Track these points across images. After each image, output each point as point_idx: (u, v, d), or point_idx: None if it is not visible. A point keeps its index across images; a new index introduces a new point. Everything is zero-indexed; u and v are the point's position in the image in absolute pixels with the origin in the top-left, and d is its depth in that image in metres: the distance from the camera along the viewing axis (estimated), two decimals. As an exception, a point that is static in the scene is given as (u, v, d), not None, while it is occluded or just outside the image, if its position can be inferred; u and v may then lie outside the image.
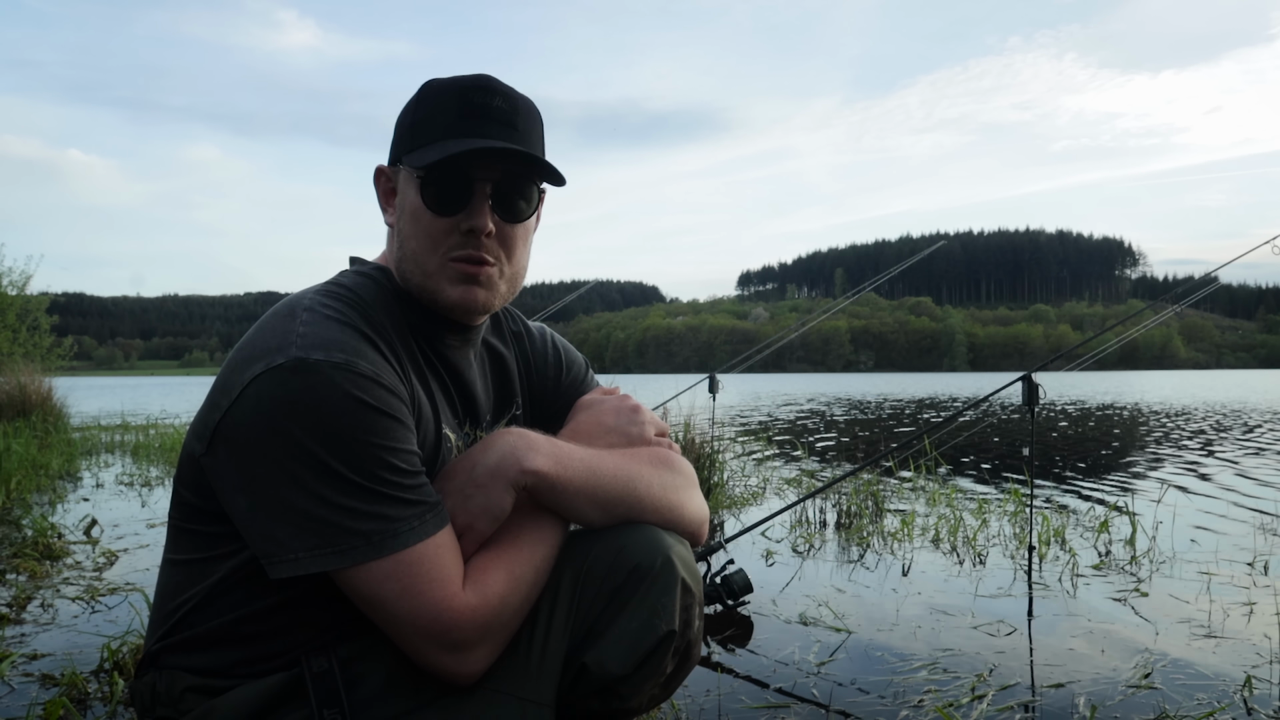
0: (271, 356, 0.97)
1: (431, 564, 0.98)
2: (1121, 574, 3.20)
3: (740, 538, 3.63)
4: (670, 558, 1.12)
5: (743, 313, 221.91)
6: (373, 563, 0.96)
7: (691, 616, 1.14)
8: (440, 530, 1.00)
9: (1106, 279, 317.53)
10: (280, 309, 1.05)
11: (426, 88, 1.12)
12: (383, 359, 1.02)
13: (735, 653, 2.36)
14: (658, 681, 1.12)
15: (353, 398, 0.96)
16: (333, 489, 0.95)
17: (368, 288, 1.11)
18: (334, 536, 0.95)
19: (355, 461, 0.95)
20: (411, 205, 1.11)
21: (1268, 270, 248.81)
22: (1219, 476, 6.14)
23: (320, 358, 0.96)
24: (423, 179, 1.09)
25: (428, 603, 0.98)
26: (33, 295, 17.27)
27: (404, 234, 1.12)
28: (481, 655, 1.03)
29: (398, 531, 0.97)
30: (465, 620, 0.99)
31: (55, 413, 10.20)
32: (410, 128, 1.11)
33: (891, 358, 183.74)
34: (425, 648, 0.99)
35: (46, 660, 2.27)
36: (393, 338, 1.07)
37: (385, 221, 1.17)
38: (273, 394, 0.95)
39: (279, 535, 0.96)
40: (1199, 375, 77.44)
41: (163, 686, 1.07)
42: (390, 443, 0.98)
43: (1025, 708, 1.94)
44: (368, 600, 0.98)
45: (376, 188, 1.18)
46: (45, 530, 3.88)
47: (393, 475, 0.98)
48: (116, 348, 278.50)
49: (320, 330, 0.99)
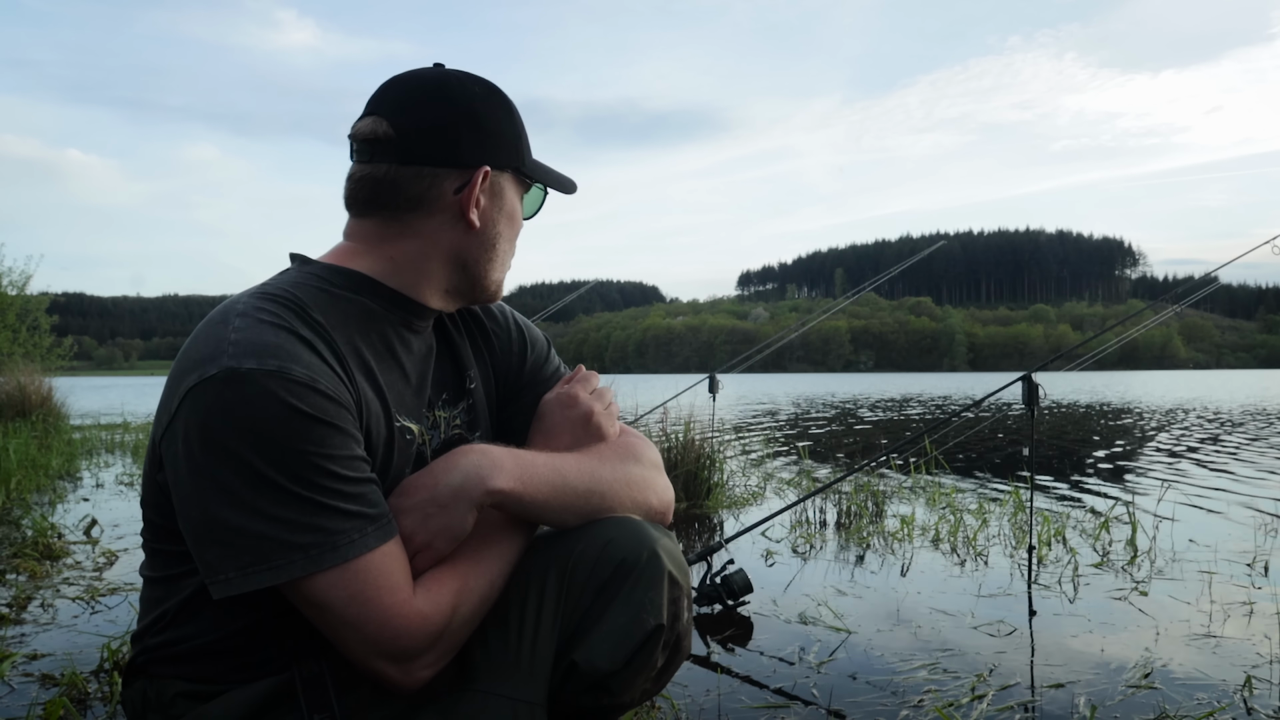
0: (204, 367, 0.94)
1: (377, 572, 0.97)
2: (1121, 574, 3.20)
3: (740, 538, 3.63)
4: (656, 551, 1.12)
5: (743, 313, 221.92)
6: (314, 575, 0.94)
7: (680, 609, 1.14)
8: (384, 543, 0.98)
9: (1106, 279, 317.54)
10: (215, 315, 1.02)
11: (504, 95, 1.17)
12: (320, 361, 0.98)
13: (735, 653, 2.36)
14: (649, 675, 1.12)
15: (287, 405, 0.93)
16: (269, 500, 0.92)
17: (308, 285, 1.07)
18: (269, 552, 0.92)
19: (291, 470, 0.93)
20: (514, 209, 1.19)
21: (1268, 270, 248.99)
22: (1219, 476, 6.14)
23: (252, 365, 0.93)
24: (527, 189, 1.21)
25: (376, 610, 0.96)
26: (33, 295, 17.27)
27: (498, 235, 1.17)
28: (427, 665, 1.02)
29: (336, 544, 0.94)
30: (415, 628, 0.99)
31: (55, 413, 10.21)
32: (519, 139, 1.17)
33: (891, 358, 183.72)
34: (370, 656, 0.98)
35: (46, 660, 2.28)
36: (332, 336, 1.03)
37: (471, 222, 1.12)
38: (206, 406, 0.93)
39: (210, 555, 0.94)
40: (1199, 375, 77.45)
41: (153, 693, 1.07)
42: (327, 450, 0.95)
43: (1025, 708, 1.94)
44: (313, 609, 0.97)
45: (472, 188, 1.11)
46: (45, 530, 3.89)
47: (332, 483, 0.95)
48: (116, 348, 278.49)
49: (253, 336, 0.96)
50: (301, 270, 1.11)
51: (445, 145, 1.10)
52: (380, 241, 1.13)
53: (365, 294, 1.10)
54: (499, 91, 1.16)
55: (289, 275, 1.10)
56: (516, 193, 1.19)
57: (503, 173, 1.15)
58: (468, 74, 1.16)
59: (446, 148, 1.10)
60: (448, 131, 1.10)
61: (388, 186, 1.10)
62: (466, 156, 1.11)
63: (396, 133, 1.09)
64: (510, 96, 1.18)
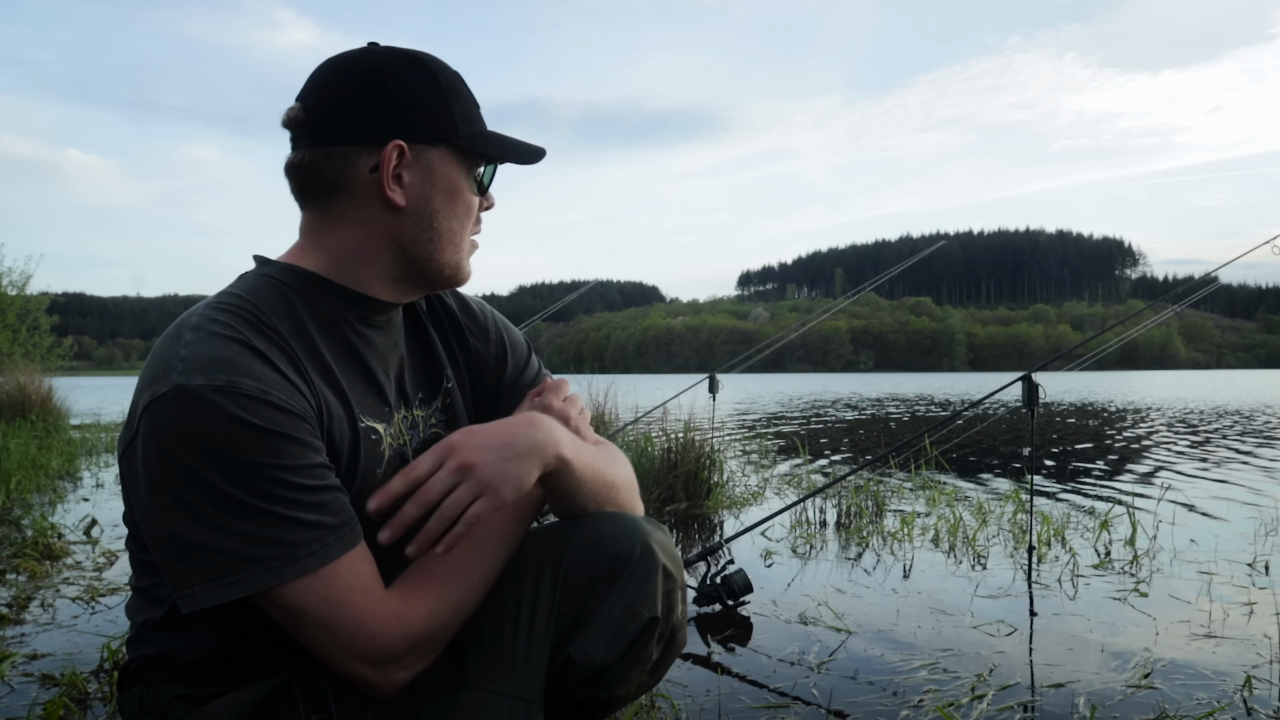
0: (156, 385, 0.94)
1: (346, 576, 0.96)
2: (1121, 574, 3.20)
3: (740, 538, 3.63)
4: (649, 544, 1.12)
5: (743, 313, 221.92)
6: (280, 586, 0.93)
7: (674, 602, 1.14)
8: (346, 552, 0.97)
9: (1106, 279, 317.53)
10: (171, 329, 1.02)
11: (431, 66, 1.09)
12: (273, 371, 0.97)
13: (735, 653, 2.36)
14: (644, 669, 1.12)
15: (238, 420, 0.92)
16: (228, 515, 0.92)
17: (264, 290, 1.06)
18: (231, 566, 0.92)
19: (247, 484, 0.92)
20: (457, 187, 1.11)
21: (1268, 270, 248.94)
22: (1219, 476, 6.14)
23: (201, 382, 0.92)
24: (477, 164, 1.14)
25: (349, 612, 0.96)
26: (33, 295, 17.28)
27: (440, 214, 1.10)
28: (404, 667, 1.01)
29: (297, 556, 0.94)
30: (391, 629, 0.98)
31: (55, 412, 10.21)
32: (453, 111, 1.09)
33: (891, 358, 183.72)
34: (346, 659, 0.98)
35: (46, 660, 2.28)
36: (289, 343, 1.02)
37: (392, 201, 1.07)
38: (159, 424, 0.93)
39: (174, 571, 0.94)
40: (1199, 375, 77.45)
41: (149, 698, 1.07)
42: (283, 461, 0.94)
43: (1025, 708, 1.94)
44: (286, 616, 0.96)
45: (386, 165, 1.06)
46: (45, 530, 3.89)
47: (289, 493, 0.94)
48: (116, 348, 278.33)
49: (202, 350, 0.95)
50: (260, 273, 1.10)
51: (352, 122, 1.06)
52: (319, 234, 1.11)
53: (320, 292, 1.09)
54: (422, 61, 1.09)
55: (246, 279, 1.09)
56: (457, 167, 1.11)
57: (431, 146, 1.08)
58: (391, 48, 1.10)
59: (353, 125, 1.06)
60: (355, 108, 1.06)
61: (306, 172, 1.08)
62: (375, 132, 1.05)
63: (307, 115, 1.07)
64: (448, 67, 1.12)
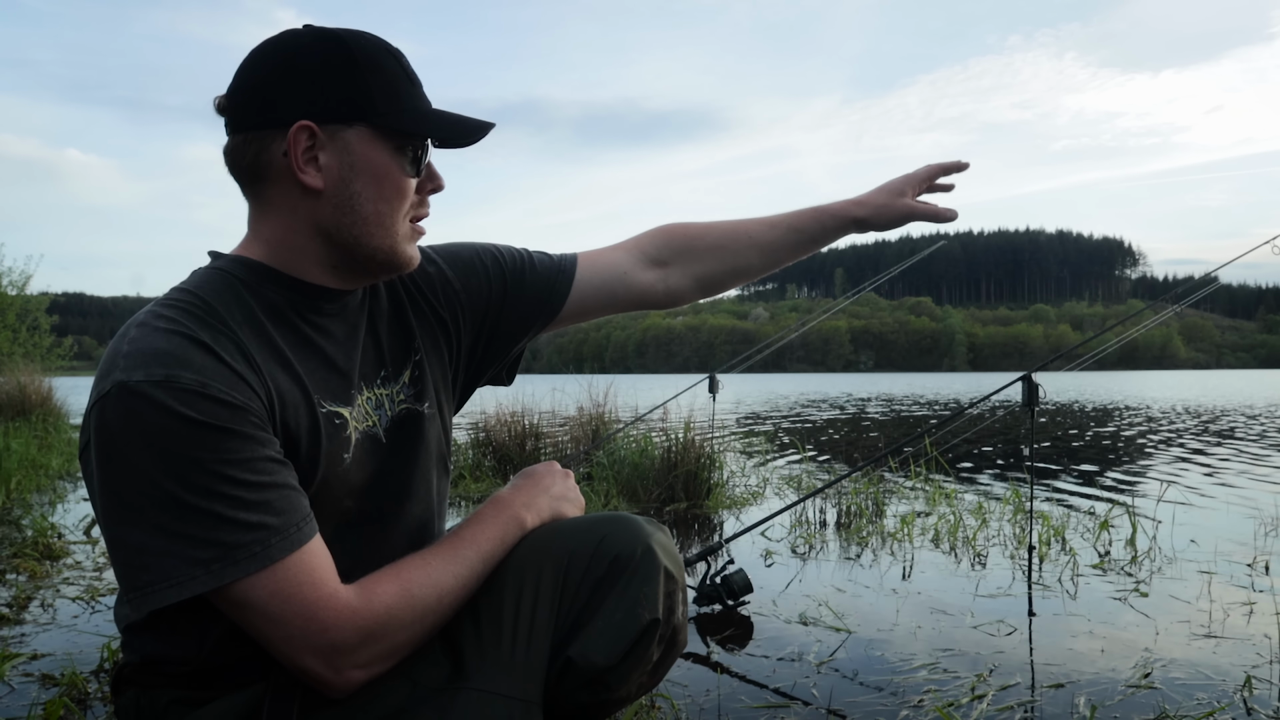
0: (101, 384, 0.94)
1: (293, 569, 0.94)
2: (1121, 574, 3.20)
3: (740, 538, 3.63)
4: (651, 546, 1.12)
5: (743, 313, 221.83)
6: (221, 587, 0.92)
7: (675, 603, 1.14)
8: (289, 554, 0.95)
9: (1106, 279, 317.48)
10: (120, 330, 1.00)
11: (349, 44, 1.04)
12: (216, 363, 0.95)
13: (735, 653, 2.36)
14: (644, 670, 1.12)
15: (176, 414, 0.90)
16: (169, 516, 0.91)
17: (213, 283, 1.04)
18: (171, 570, 0.91)
19: (187, 481, 0.91)
20: (383, 168, 1.06)
21: (1268, 270, 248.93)
22: (1219, 476, 6.14)
23: (140, 378, 0.91)
24: (406, 143, 1.07)
25: (298, 604, 0.94)
26: (33, 295, 17.31)
27: (363, 196, 1.06)
28: (358, 665, 0.98)
29: (237, 559, 0.92)
30: (344, 621, 0.96)
31: (55, 413, 10.21)
32: (369, 89, 1.04)
33: (891, 358, 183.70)
34: (297, 652, 0.95)
35: (46, 660, 2.28)
36: (238, 333, 1.01)
37: (305, 184, 1.03)
38: (103, 425, 0.92)
39: (121, 573, 0.94)
40: (1199, 375, 77.45)
41: (145, 702, 1.06)
42: (223, 455, 0.92)
43: (1025, 708, 1.94)
44: (236, 611, 0.95)
45: (294, 148, 1.02)
46: (45, 530, 3.89)
47: (230, 490, 0.92)
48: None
49: (143, 345, 0.94)
50: (211, 267, 1.08)
51: (260, 105, 1.03)
52: (258, 223, 1.09)
53: (268, 284, 1.07)
54: (337, 39, 1.04)
55: (198, 274, 1.08)
56: (380, 147, 1.05)
57: (347, 126, 1.03)
58: (314, 28, 1.06)
59: (262, 108, 1.03)
60: (263, 90, 1.03)
61: (230, 160, 1.07)
62: (282, 114, 1.02)
63: (227, 102, 1.05)
64: (377, 44, 1.07)
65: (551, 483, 1.24)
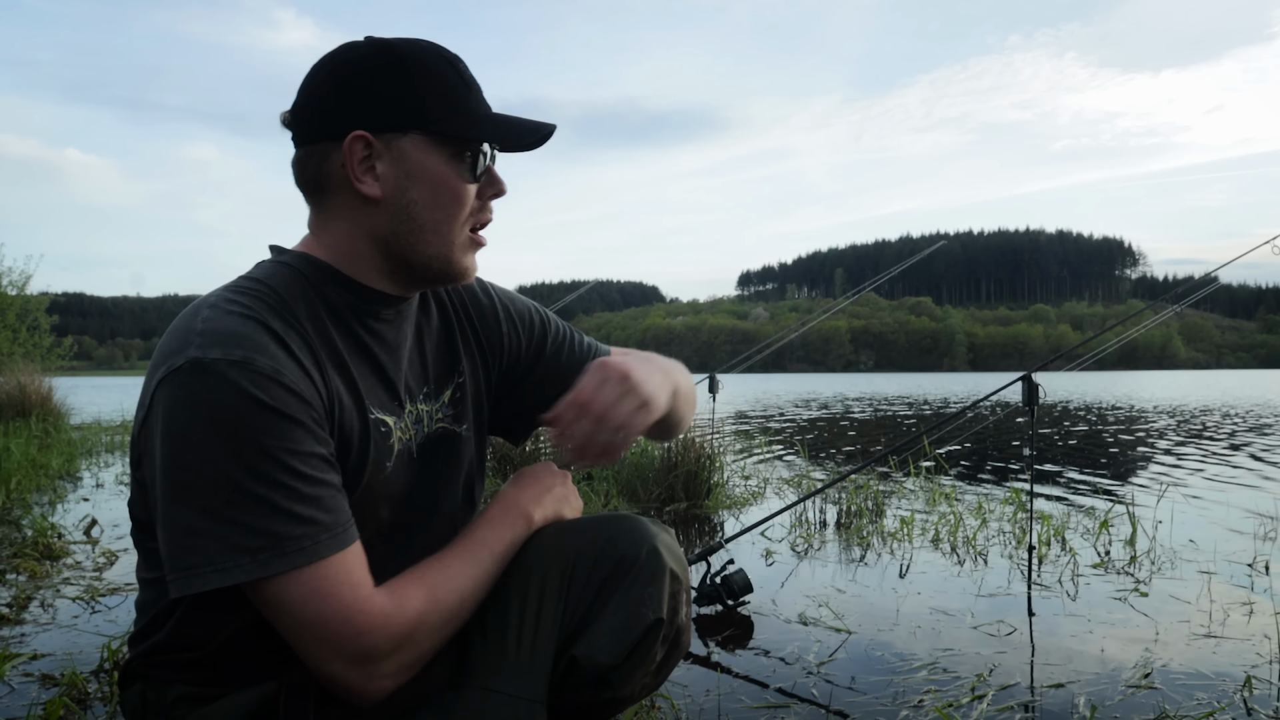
0: (171, 359, 0.93)
1: (334, 572, 0.94)
2: (1121, 574, 3.20)
3: (740, 538, 3.63)
4: (656, 546, 1.12)
5: (743, 313, 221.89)
6: (265, 580, 0.92)
7: (679, 604, 1.14)
8: (336, 553, 0.95)
9: (1106, 279, 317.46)
10: (187, 310, 1.01)
11: (405, 53, 1.05)
12: (287, 355, 0.96)
13: (735, 653, 2.36)
14: (648, 670, 1.12)
15: (250, 397, 0.91)
16: (223, 499, 0.90)
17: (281, 277, 1.05)
18: (216, 554, 0.90)
19: (249, 464, 0.90)
20: (438, 175, 1.06)
21: (1268, 270, 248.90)
22: (1219, 476, 6.14)
23: (217, 356, 0.91)
24: (462, 149, 1.07)
25: (335, 606, 0.93)
26: (33, 295, 17.29)
27: (419, 205, 1.06)
28: (389, 673, 0.97)
29: (285, 551, 0.91)
30: (378, 626, 0.95)
31: (55, 413, 10.20)
32: (423, 96, 1.05)
33: (891, 358, 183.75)
34: (330, 658, 0.94)
35: (46, 660, 2.27)
36: (305, 328, 1.02)
37: (362, 193, 1.05)
38: (172, 399, 0.92)
39: (167, 553, 0.93)
40: (1199, 375, 77.44)
41: (153, 696, 1.06)
42: (288, 444, 0.93)
43: (1025, 708, 1.94)
44: (270, 609, 0.94)
45: (349, 158, 1.03)
46: (45, 530, 3.88)
47: (289, 480, 0.92)
48: (116, 348, 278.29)
49: (220, 326, 0.94)
50: (277, 260, 1.09)
51: (319, 118, 1.05)
52: (318, 228, 1.10)
53: (331, 284, 1.08)
54: (391, 48, 1.05)
55: (264, 266, 1.08)
56: (436, 154, 1.05)
57: (402, 134, 1.04)
58: (371, 39, 1.08)
59: (320, 121, 1.05)
60: (320, 103, 1.06)
61: (296, 172, 1.09)
62: (337, 126, 1.04)
63: (291, 117, 1.08)
64: (432, 52, 1.07)
65: (553, 483, 1.24)
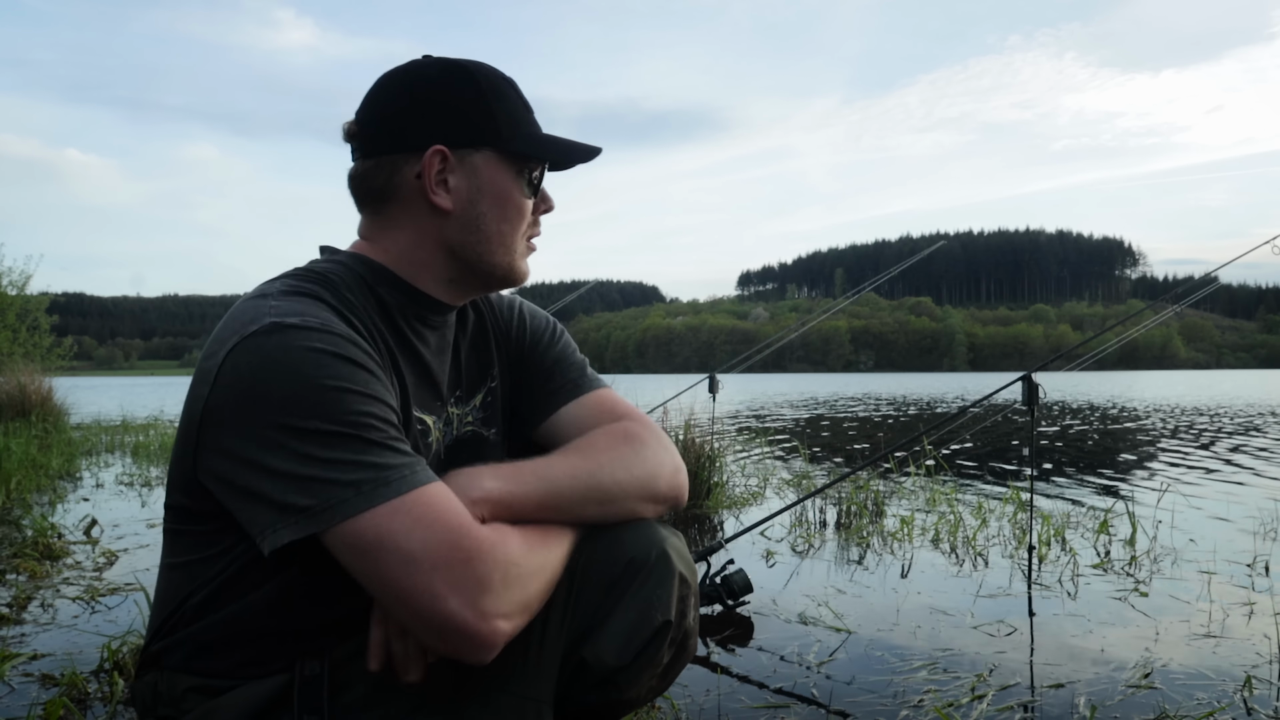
0: (244, 329, 0.96)
1: (437, 498, 0.94)
2: (1121, 574, 3.20)
3: (740, 538, 3.63)
4: (665, 550, 1.13)
5: (743, 313, 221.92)
6: (369, 510, 0.91)
7: (687, 607, 1.14)
8: (434, 480, 0.96)
9: (1106, 279, 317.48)
10: (249, 294, 1.05)
11: (475, 73, 1.12)
12: (354, 332, 1.02)
13: (735, 653, 2.36)
14: (655, 672, 1.13)
15: (330, 351, 0.95)
16: (316, 444, 0.91)
17: (339, 272, 1.10)
18: (320, 492, 0.90)
19: (337, 411, 0.93)
20: (505, 190, 1.13)
21: (1268, 270, 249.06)
22: (1219, 476, 6.14)
23: (295, 321, 0.96)
24: (526, 167, 1.15)
25: (442, 531, 0.91)
26: (32, 295, 17.29)
27: (487, 217, 1.13)
28: (503, 611, 0.93)
29: (389, 480, 0.92)
30: (486, 551, 0.93)
31: (55, 413, 10.21)
32: (496, 116, 1.12)
33: (891, 358, 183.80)
34: (440, 593, 0.90)
35: (46, 660, 2.27)
36: (364, 319, 1.07)
37: (436, 204, 1.10)
38: (249, 358, 0.94)
39: (259, 508, 0.93)
40: (1199, 375, 77.46)
41: (164, 686, 1.07)
42: (372, 391, 0.96)
43: (1025, 708, 1.94)
44: (370, 553, 0.90)
45: (428, 170, 1.10)
46: (45, 530, 3.89)
47: (378, 423, 0.95)
48: (116, 348, 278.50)
49: (293, 303, 1.00)
50: (332, 258, 1.14)
51: (394, 132, 1.11)
52: (376, 234, 1.16)
53: (385, 285, 1.13)
54: (462, 68, 1.12)
55: (320, 263, 1.13)
56: (504, 170, 1.13)
57: (475, 150, 1.11)
58: (437, 59, 1.14)
59: (396, 134, 1.11)
60: (397, 118, 1.11)
61: (360, 183, 1.14)
62: (415, 139, 1.10)
63: (359, 128, 1.13)
64: (495, 73, 1.15)
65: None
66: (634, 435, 1.19)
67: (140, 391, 36.18)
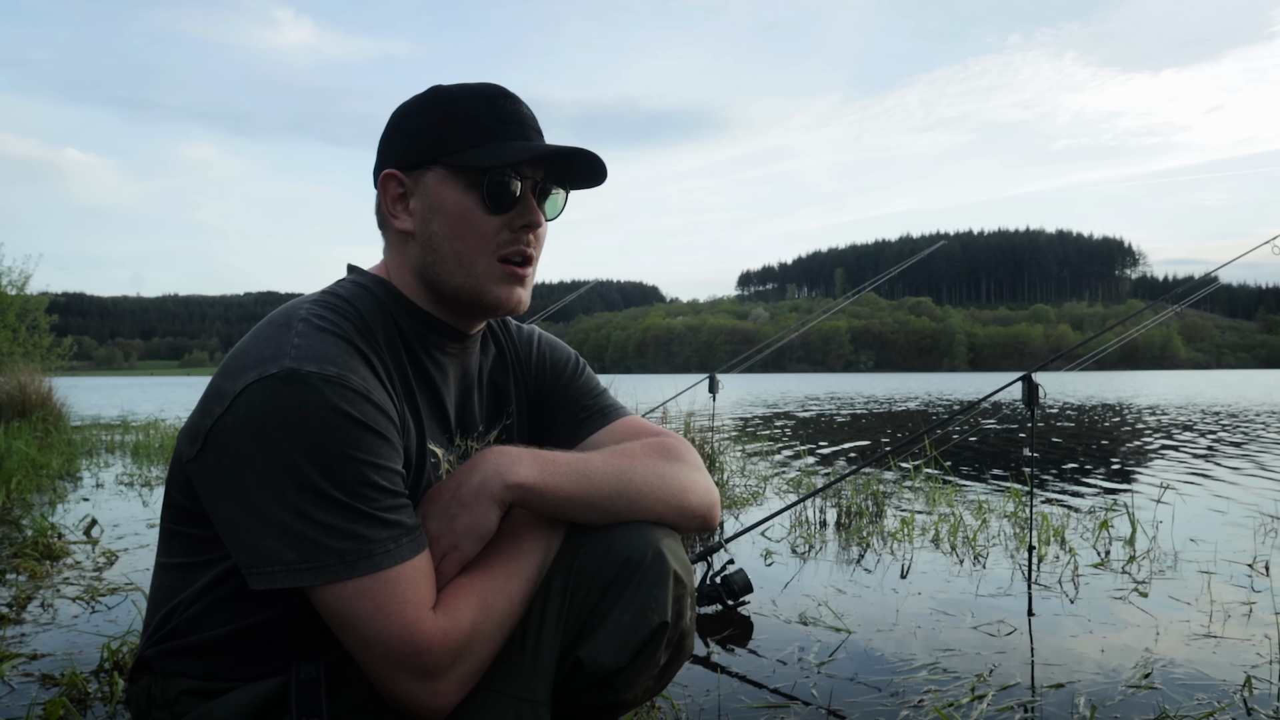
0: (265, 366, 0.97)
1: (405, 586, 0.97)
2: (1121, 574, 3.20)
3: (740, 538, 3.63)
4: (661, 550, 1.13)
5: (743, 313, 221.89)
6: (346, 582, 0.95)
7: (683, 608, 1.14)
8: (416, 555, 0.99)
9: (1106, 279, 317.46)
10: (276, 318, 1.05)
11: (444, 94, 1.12)
12: (373, 375, 1.02)
13: (735, 653, 2.36)
14: (652, 673, 1.13)
15: (341, 412, 0.96)
16: (312, 504, 0.94)
17: (364, 299, 1.11)
18: (310, 553, 0.94)
19: (337, 476, 0.95)
20: (455, 206, 1.10)
21: (1268, 270, 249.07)
22: (1219, 476, 6.14)
23: (312, 369, 0.96)
24: (479, 179, 1.09)
25: (397, 624, 0.96)
26: (32, 295, 17.27)
27: (440, 236, 1.11)
28: (452, 685, 1.00)
29: (372, 553, 0.96)
30: (436, 644, 0.97)
31: (55, 413, 10.20)
32: (443, 131, 1.09)
33: (891, 358, 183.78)
34: (394, 673, 0.97)
35: (46, 660, 2.27)
36: (384, 352, 1.07)
37: (397, 228, 1.14)
38: (263, 403, 0.95)
39: (258, 547, 0.96)
40: (1199, 375, 77.45)
41: (158, 690, 1.07)
42: (374, 459, 0.98)
43: (1025, 708, 1.94)
44: (338, 619, 0.97)
45: (383, 195, 1.13)
46: (45, 530, 3.88)
47: (373, 493, 0.97)
48: (116, 348, 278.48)
49: (314, 342, 1.00)
50: (358, 281, 1.15)
51: (377, 161, 1.17)
52: (386, 260, 1.19)
53: (404, 313, 1.14)
54: (434, 91, 1.13)
55: (346, 285, 1.14)
56: (453, 185, 1.10)
57: (426, 170, 1.11)
58: (432, 88, 1.15)
59: (377, 163, 1.16)
60: (378, 148, 1.17)
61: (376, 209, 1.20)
62: (380, 166, 1.15)
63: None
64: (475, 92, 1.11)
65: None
66: (671, 449, 1.22)
67: (141, 391, 36.18)
